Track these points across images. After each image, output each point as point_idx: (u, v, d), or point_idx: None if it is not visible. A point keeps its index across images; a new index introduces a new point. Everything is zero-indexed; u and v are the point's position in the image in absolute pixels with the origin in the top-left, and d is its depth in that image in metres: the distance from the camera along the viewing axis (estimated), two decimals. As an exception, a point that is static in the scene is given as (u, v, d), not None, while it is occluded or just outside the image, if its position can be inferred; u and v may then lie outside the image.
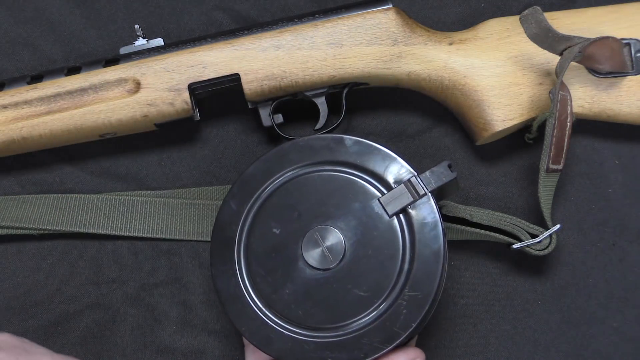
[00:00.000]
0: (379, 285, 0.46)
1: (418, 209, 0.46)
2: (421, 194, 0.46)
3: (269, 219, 0.48)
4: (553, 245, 0.55)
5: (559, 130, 0.54)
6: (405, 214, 0.46)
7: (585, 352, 0.59)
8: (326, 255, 0.46)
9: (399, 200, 0.46)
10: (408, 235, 0.46)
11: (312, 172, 0.49)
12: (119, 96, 0.56)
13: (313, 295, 0.46)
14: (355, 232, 0.47)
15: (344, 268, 0.46)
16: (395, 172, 0.47)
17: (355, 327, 0.45)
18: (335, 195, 0.48)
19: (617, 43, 0.55)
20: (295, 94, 0.58)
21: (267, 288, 0.47)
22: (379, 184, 0.47)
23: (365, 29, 0.56)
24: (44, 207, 0.60)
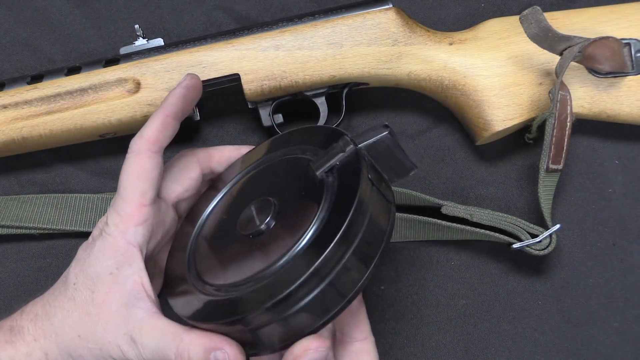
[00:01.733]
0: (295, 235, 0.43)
1: (345, 165, 0.44)
2: (347, 150, 0.44)
3: (222, 210, 0.49)
4: (553, 245, 0.55)
5: (559, 130, 0.54)
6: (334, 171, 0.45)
7: (586, 352, 0.59)
8: (255, 221, 0.45)
9: (327, 160, 0.45)
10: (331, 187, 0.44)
11: (264, 164, 0.50)
12: (119, 96, 0.56)
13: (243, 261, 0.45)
14: (286, 197, 0.46)
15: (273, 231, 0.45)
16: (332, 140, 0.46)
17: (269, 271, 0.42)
18: (279, 175, 0.48)
19: (617, 43, 0.55)
20: (295, 94, 0.58)
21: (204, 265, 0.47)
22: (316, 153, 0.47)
23: (365, 29, 0.56)
24: (43, 206, 0.60)
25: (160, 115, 0.48)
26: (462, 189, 0.61)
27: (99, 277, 0.46)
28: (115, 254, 0.46)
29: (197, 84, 0.51)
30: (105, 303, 0.46)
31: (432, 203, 0.57)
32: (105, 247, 0.46)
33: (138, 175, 0.46)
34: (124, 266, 0.46)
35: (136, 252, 0.46)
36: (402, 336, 0.59)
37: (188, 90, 0.50)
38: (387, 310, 0.59)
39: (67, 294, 0.47)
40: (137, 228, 0.46)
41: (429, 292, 0.60)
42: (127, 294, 0.46)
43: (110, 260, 0.46)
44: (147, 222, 0.47)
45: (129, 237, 0.46)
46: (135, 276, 0.46)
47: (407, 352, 0.59)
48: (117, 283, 0.46)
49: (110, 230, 0.46)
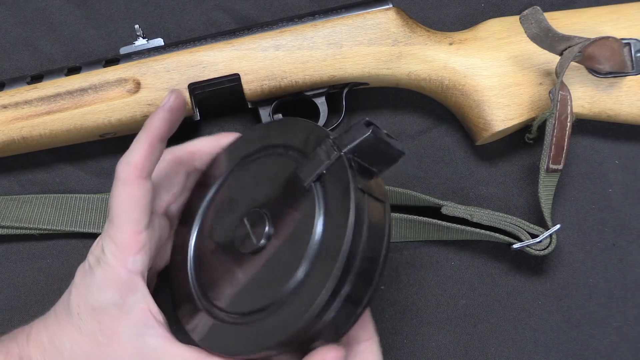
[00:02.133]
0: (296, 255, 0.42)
1: (332, 173, 0.42)
2: (332, 156, 0.42)
3: (213, 217, 0.48)
4: (553, 245, 0.55)
5: (559, 130, 0.54)
6: (321, 179, 0.43)
7: (586, 352, 0.59)
8: (252, 239, 0.44)
9: (314, 168, 0.43)
10: (322, 202, 0.42)
11: (243, 164, 0.49)
12: (119, 96, 0.56)
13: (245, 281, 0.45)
14: (277, 209, 0.44)
15: (269, 248, 0.44)
16: (315, 140, 0.44)
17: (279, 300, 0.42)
18: (265, 178, 0.47)
19: (617, 43, 0.55)
20: (295, 94, 0.58)
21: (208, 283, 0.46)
22: (300, 156, 0.45)
23: (366, 29, 0.56)
24: (44, 207, 0.60)
25: (146, 140, 0.46)
26: (462, 189, 0.61)
27: (103, 308, 0.45)
28: (117, 284, 0.45)
29: (181, 104, 0.48)
30: (115, 334, 0.45)
31: (432, 203, 0.57)
32: (105, 277, 0.45)
33: (130, 204, 0.45)
34: (128, 295, 0.45)
35: (138, 280, 0.45)
36: (402, 336, 0.59)
37: (172, 113, 0.47)
38: (387, 310, 0.59)
39: (73, 323, 0.46)
40: (136, 256, 0.45)
41: (429, 292, 0.60)
42: (136, 323, 0.45)
43: (113, 291, 0.45)
44: (145, 247, 0.46)
45: (129, 266, 0.45)
46: (141, 304, 0.45)
47: (407, 352, 0.59)
48: (124, 312, 0.45)
49: (108, 260, 0.45)
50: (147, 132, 0.46)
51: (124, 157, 0.46)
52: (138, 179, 0.45)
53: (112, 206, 0.46)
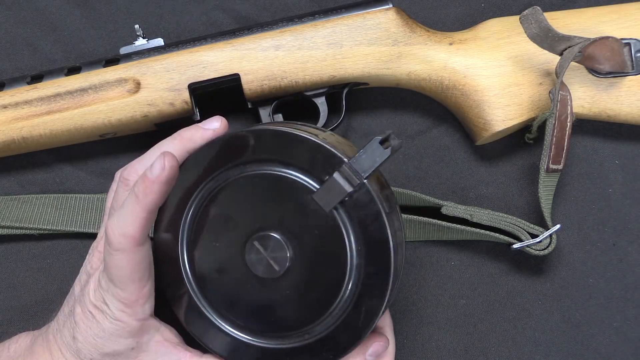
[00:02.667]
0: (333, 284, 0.43)
1: (356, 200, 0.42)
2: (355, 184, 0.42)
3: (207, 232, 0.46)
4: (553, 245, 0.55)
5: (559, 130, 0.54)
6: (344, 206, 0.43)
7: (586, 352, 0.59)
8: (271, 265, 0.44)
9: (334, 194, 0.42)
10: (350, 228, 0.43)
11: (238, 175, 0.45)
12: (119, 96, 0.56)
13: (269, 303, 0.45)
14: (295, 234, 0.44)
15: (293, 273, 0.44)
16: (324, 161, 0.43)
17: (319, 329, 0.44)
18: (267, 197, 0.44)
19: (617, 43, 0.55)
20: (296, 94, 0.58)
21: (222, 303, 0.46)
22: (309, 177, 0.43)
23: (366, 29, 0.56)
24: (43, 207, 0.60)
25: (141, 213, 0.43)
26: (462, 189, 0.61)
27: (120, 354, 0.46)
28: (132, 334, 0.46)
29: (174, 173, 0.43)
30: None
31: (432, 203, 0.57)
32: (118, 330, 0.45)
33: (132, 269, 0.44)
34: (142, 337, 0.46)
35: (150, 321, 0.46)
36: (402, 336, 0.59)
37: (168, 184, 0.44)
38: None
39: None
40: (145, 306, 0.46)
41: (429, 292, 0.60)
42: (157, 356, 0.46)
43: (127, 340, 0.46)
44: (152, 294, 0.46)
45: (139, 316, 0.45)
46: (156, 337, 0.46)
47: (407, 352, 0.59)
48: (142, 351, 0.46)
49: (118, 316, 0.45)
50: (141, 204, 0.43)
51: (117, 225, 0.43)
52: (136, 247, 0.44)
53: (111, 271, 0.44)
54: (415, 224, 0.58)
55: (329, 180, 0.42)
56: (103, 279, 0.45)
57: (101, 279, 0.46)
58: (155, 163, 0.43)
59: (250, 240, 0.44)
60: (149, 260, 0.46)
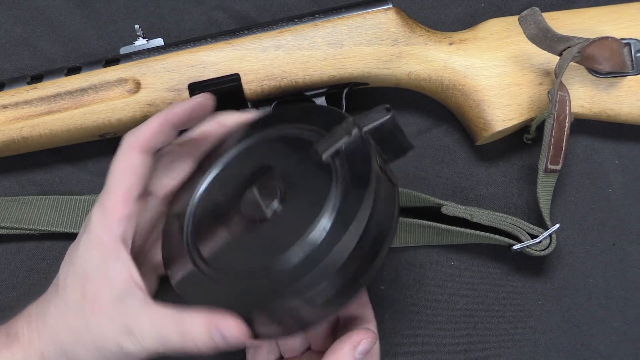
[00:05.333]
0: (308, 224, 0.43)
1: (353, 150, 0.44)
2: (353, 133, 0.44)
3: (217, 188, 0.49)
4: (553, 246, 0.55)
5: (558, 130, 0.54)
6: (340, 156, 0.44)
7: (586, 352, 0.59)
8: (261, 207, 0.45)
9: (332, 143, 0.44)
10: (340, 171, 0.44)
11: (257, 142, 0.49)
12: (119, 96, 0.56)
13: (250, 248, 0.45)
14: (291, 181, 0.45)
15: (280, 216, 0.45)
16: (333, 121, 0.46)
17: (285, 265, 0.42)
18: (277, 153, 0.48)
19: (616, 43, 0.55)
20: (296, 94, 0.58)
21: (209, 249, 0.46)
22: (317, 135, 0.46)
23: (365, 29, 0.56)
24: (43, 208, 0.60)
25: (160, 119, 0.47)
26: (462, 189, 0.61)
27: (86, 274, 0.46)
28: (100, 249, 0.45)
29: (208, 105, 0.49)
30: (97, 299, 0.45)
31: (432, 203, 0.57)
32: (89, 243, 0.46)
33: (125, 170, 0.46)
34: (109, 260, 0.45)
35: (121, 246, 0.45)
36: (402, 336, 0.59)
37: (198, 108, 0.48)
38: (387, 310, 0.59)
39: (59, 295, 0.47)
40: (120, 222, 0.45)
41: (429, 292, 0.60)
42: (118, 287, 0.45)
43: (95, 255, 0.45)
44: (131, 216, 0.46)
45: (112, 231, 0.45)
46: (123, 269, 0.45)
47: (407, 352, 0.59)
48: (106, 278, 0.45)
49: (93, 226, 0.45)
50: (165, 113, 0.47)
51: (131, 130, 0.47)
52: (139, 150, 0.46)
53: (109, 172, 0.46)
54: (415, 228, 0.58)
55: (331, 131, 0.45)
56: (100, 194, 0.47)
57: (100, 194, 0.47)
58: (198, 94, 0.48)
59: (249, 188, 0.46)
60: (144, 176, 0.46)
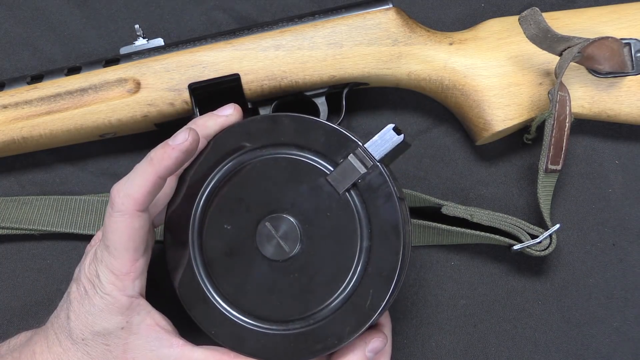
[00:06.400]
0: (342, 267, 0.44)
1: (369, 182, 0.44)
2: (369, 166, 0.44)
3: (219, 215, 0.47)
4: (553, 246, 0.55)
5: (558, 130, 0.54)
6: (357, 188, 0.44)
7: (586, 352, 0.59)
8: (282, 246, 0.44)
9: (348, 176, 0.44)
10: (362, 210, 0.44)
11: (254, 159, 0.46)
12: (119, 96, 0.56)
13: (276, 287, 0.45)
14: (307, 216, 0.44)
15: (303, 255, 0.44)
16: (339, 145, 0.45)
17: (324, 313, 0.44)
18: (281, 179, 0.46)
19: (616, 43, 0.55)
20: (296, 94, 0.58)
21: (229, 287, 0.46)
22: (324, 161, 0.45)
23: (366, 29, 0.56)
24: (43, 208, 0.60)
25: (151, 176, 0.44)
26: (462, 189, 0.61)
27: (110, 333, 0.45)
28: (121, 310, 0.45)
29: (194, 147, 0.45)
30: (126, 352, 0.45)
31: (432, 203, 0.57)
32: (107, 306, 0.45)
33: (128, 236, 0.44)
34: (132, 317, 0.45)
35: (140, 301, 0.46)
36: (402, 336, 0.59)
37: (186, 155, 0.45)
38: (387, 310, 0.59)
39: (79, 349, 0.46)
40: (135, 282, 0.45)
41: (429, 292, 0.60)
42: (147, 340, 0.45)
43: (117, 317, 0.45)
44: (143, 273, 0.46)
45: (129, 292, 0.45)
46: (147, 321, 0.45)
47: (407, 352, 0.59)
48: (133, 333, 0.45)
49: (108, 290, 0.45)
50: (154, 167, 0.44)
51: (123, 187, 0.44)
52: (137, 212, 0.44)
53: (108, 236, 0.45)
54: (415, 228, 0.58)
55: (344, 163, 0.44)
56: (99, 250, 0.45)
57: (97, 251, 0.46)
58: (180, 133, 0.44)
59: (262, 221, 0.45)
60: (146, 232, 0.45)
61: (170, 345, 0.45)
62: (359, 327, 0.43)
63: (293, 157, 0.46)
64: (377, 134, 0.44)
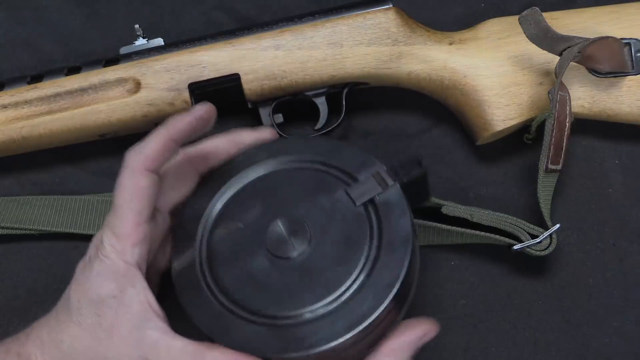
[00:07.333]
0: (345, 272, 0.45)
1: (386, 199, 0.46)
2: (389, 185, 0.46)
3: (234, 215, 0.48)
4: (553, 246, 0.55)
5: (558, 130, 0.54)
6: (373, 204, 0.46)
7: (586, 352, 0.59)
8: (290, 243, 0.45)
9: (367, 190, 0.46)
10: (375, 223, 0.45)
11: (279, 167, 0.48)
12: (119, 96, 0.56)
13: (275, 283, 0.45)
14: (320, 221, 0.46)
15: (309, 255, 0.45)
16: (363, 166, 0.47)
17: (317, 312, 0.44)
18: (302, 188, 0.47)
19: (616, 43, 0.55)
20: (296, 93, 0.58)
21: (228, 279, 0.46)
22: (346, 177, 0.47)
23: (365, 28, 0.56)
24: (43, 208, 0.60)
25: (164, 137, 0.45)
26: (462, 189, 0.61)
27: (102, 301, 0.45)
28: (116, 276, 0.45)
29: (211, 118, 0.47)
30: (114, 327, 0.45)
31: (433, 203, 0.57)
32: (104, 269, 0.45)
33: (134, 193, 0.45)
34: (126, 288, 0.45)
35: (137, 272, 0.45)
36: (402, 336, 0.59)
37: (200, 122, 0.46)
38: (387, 310, 0.59)
39: (72, 319, 0.46)
40: (134, 248, 0.45)
41: (429, 292, 0.60)
42: (136, 316, 0.45)
43: (111, 283, 0.45)
44: (145, 240, 0.45)
45: (127, 258, 0.45)
46: (140, 296, 0.45)
47: (407, 352, 0.59)
48: (123, 305, 0.45)
49: (107, 252, 0.45)
50: (168, 129, 0.46)
51: (135, 146, 0.45)
52: (146, 170, 0.45)
53: (116, 195, 0.45)
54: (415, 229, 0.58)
55: (365, 179, 0.46)
56: (108, 215, 0.46)
57: (105, 218, 0.46)
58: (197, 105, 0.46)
59: (275, 220, 0.46)
60: (152, 196, 0.45)
61: (156, 327, 0.45)
62: (349, 330, 0.43)
63: (316, 170, 0.48)
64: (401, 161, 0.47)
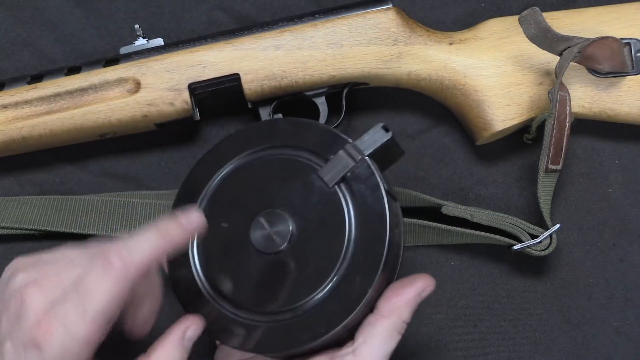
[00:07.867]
0: (330, 257, 0.45)
1: (357, 175, 0.45)
2: (358, 159, 0.45)
3: (217, 215, 0.48)
4: (553, 246, 0.55)
5: (558, 130, 0.54)
6: (346, 182, 0.46)
7: (586, 352, 0.59)
8: (274, 239, 0.45)
9: (337, 170, 0.45)
10: (351, 202, 0.45)
11: (251, 160, 0.48)
12: (119, 96, 0.56)
13: (268, 280, 0.46)
14: (299, 210, 0.46)
15: (294, 248, 0.45)
16: (330, 143, 0.46)
17: (312, 303, 0.45)
18: (276, 178, 0.47)
19: (616, 43, 0.55)
20: (295, 93, 0.58)
21: (224, 282, 0.47)
22: (316, 158, 0.47)
23: (366, 28, 0.56)
24: (43, 208, 0.60)
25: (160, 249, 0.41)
26: (462, 189, 0.61)
27: None
28: None
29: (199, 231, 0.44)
30: None
31: (432, 203, 0.57)
32: None
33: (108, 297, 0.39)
34: None
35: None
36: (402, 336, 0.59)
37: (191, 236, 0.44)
38: (387, 310, 0.59)
39: None
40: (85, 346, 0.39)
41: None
42: None
43: None
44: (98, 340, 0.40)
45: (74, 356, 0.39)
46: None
47: (407, 352, 0.59)
48: None
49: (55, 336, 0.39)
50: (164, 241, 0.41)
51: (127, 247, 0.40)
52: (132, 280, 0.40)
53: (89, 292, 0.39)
54: (415, 228, 0.58)
55: (334, 158, 0.46)
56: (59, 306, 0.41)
57: None
58: (192, 212, 0.43)
59: (256, 217, 0.46)
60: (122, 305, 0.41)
61: None
62: (346, 314, 0.44)
63: (287, 156, 0.47)
64: (366, 133, 0.46)
